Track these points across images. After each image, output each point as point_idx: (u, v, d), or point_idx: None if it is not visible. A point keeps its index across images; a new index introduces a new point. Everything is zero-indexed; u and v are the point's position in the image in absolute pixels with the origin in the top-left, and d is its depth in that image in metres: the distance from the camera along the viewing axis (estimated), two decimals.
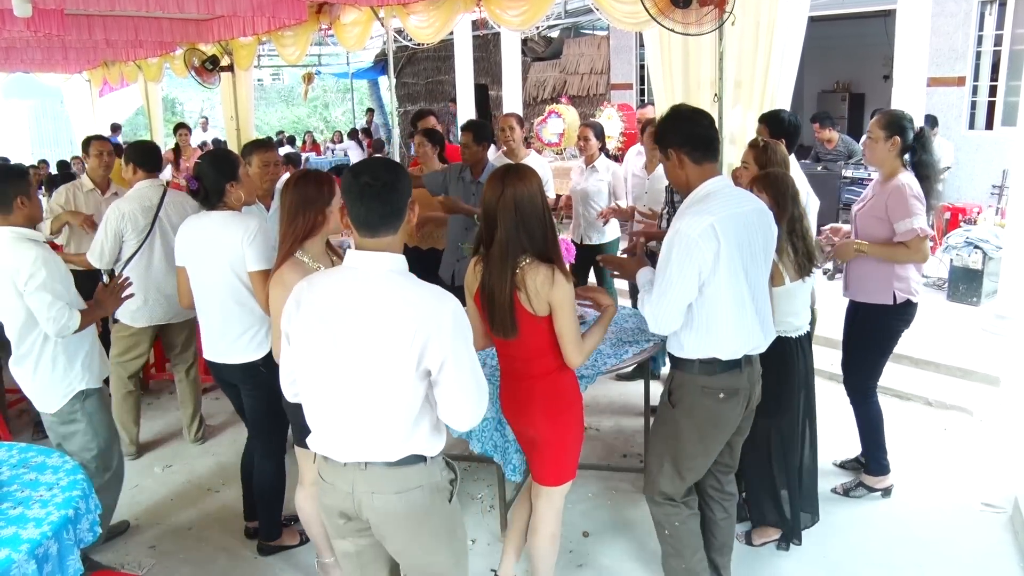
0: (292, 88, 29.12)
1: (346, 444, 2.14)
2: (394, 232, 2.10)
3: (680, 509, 2.93)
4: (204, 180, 3.29)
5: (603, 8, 5.27)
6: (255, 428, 3.53)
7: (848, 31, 11.76)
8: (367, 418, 2.10)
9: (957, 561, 3.39)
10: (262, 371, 3.34)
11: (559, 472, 2.80)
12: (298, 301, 2.14)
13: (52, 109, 18.84)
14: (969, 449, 4.39)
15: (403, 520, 2.18)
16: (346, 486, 2.16)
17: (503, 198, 2.54)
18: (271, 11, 6.93)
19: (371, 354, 2.03)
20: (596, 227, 5.42)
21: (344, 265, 2.13)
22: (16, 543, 2.21)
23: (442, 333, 2.02)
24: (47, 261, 3.07)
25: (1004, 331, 5.58)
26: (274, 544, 3.61)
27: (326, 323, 2.07)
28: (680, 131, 2.69)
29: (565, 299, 2.55)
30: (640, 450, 4.25)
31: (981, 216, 7.56)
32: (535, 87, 15.56)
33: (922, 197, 3.52)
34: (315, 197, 2.80)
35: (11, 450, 2.82)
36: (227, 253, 3.21)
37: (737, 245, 2.61)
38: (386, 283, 2.06)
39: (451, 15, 6.65)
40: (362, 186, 2.04)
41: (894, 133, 3.55)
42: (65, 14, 6.83)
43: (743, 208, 2.68)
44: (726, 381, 2.74)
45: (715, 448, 2.87)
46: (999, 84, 9.26)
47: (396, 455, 2.12)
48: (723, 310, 2.65)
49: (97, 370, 3.35)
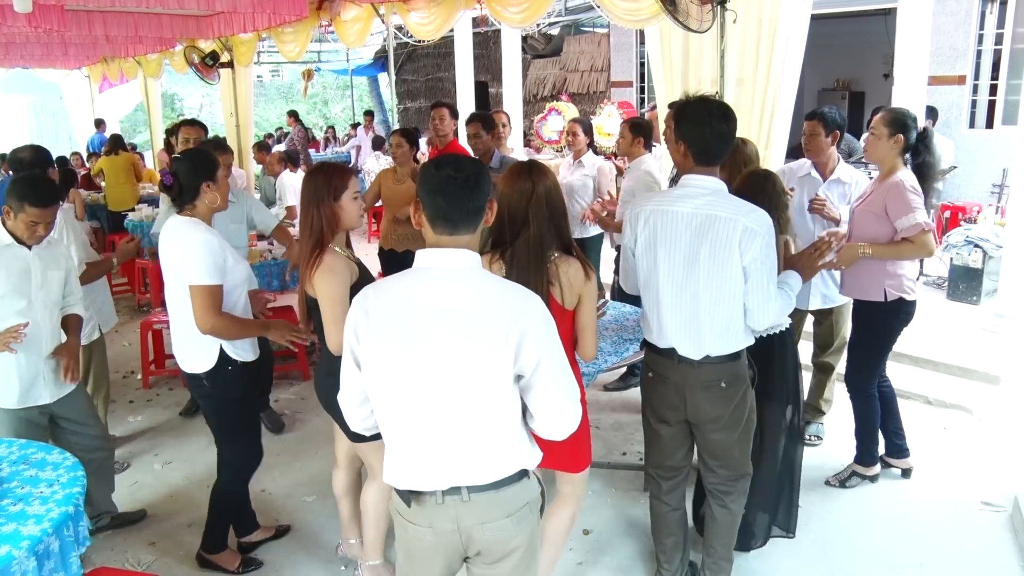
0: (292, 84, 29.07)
1: (442, 470, 1.93)
2: (473, 231, 1.96)
3: (652, 488, 3.13)
4: (179, 177, 3.12)
5: (604, 5, 5.26)
6: (214, 435, 3.40)
7: (848, 29, 11.74)
8: (467, 433, 1.91)
9: (957, 559, 3.39)
10: (205, 384, 3.22)
11: (584, 459, 2.86)
12: (365, 309, 1.92)
13: (51, 105, 18.79)
14: (969, 448, 4.39)
15: (516, 542, 2.01)
16: (448, 524, 1.96)
17: (535, 195, 2.55)
18: (271, 7, 6.92)
19: (466, 358, 1.86)
20: (579, 222, 5.46)
21: (416, 266, 1.95)
22: (17, 540, 2.20)
23: (536, 330, 1.88)
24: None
25: (1004, 330, 5.58)
26: (211, 558, 3.45)
27: (408, 331, 1.88)
28: (692, 130, 2.71)
29: (593, 291, 2.62)
30: (640, 448, 4.25)
31: (981, 215, 7.56)
32: (535, 84, 15.54)
33: (919, 191, 3.52)
34: (322, 193, 2.78)
35: (11, 447, 2.81)
36: (177, 261, 3.10)
37: (664, 242, 2.71)
38: (470, 281, 1.91)
39: (452, 12, 6.65)
40: (444, 179, 1.90)
41: (898, 131, 3.55)
42: (65, 10, 6.83)
43: (688, 209, 2.66)
44: (654, 362, 2.89)
45: (654, 424, 2.97)
46: (1000, 83, 9.25)
47: (501, 472, 1.96)
48: (652, 300, 2.80)
49: None
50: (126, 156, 9.73)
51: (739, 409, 2.83)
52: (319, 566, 3.47)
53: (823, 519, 3.68)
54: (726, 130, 2.69)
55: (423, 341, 1.86)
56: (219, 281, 3.06)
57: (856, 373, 3.86)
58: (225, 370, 3.18)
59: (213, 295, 3.04)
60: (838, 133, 4.01)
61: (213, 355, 3.16)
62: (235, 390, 3.24)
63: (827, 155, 4.05)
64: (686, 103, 2.82)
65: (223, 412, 3.30)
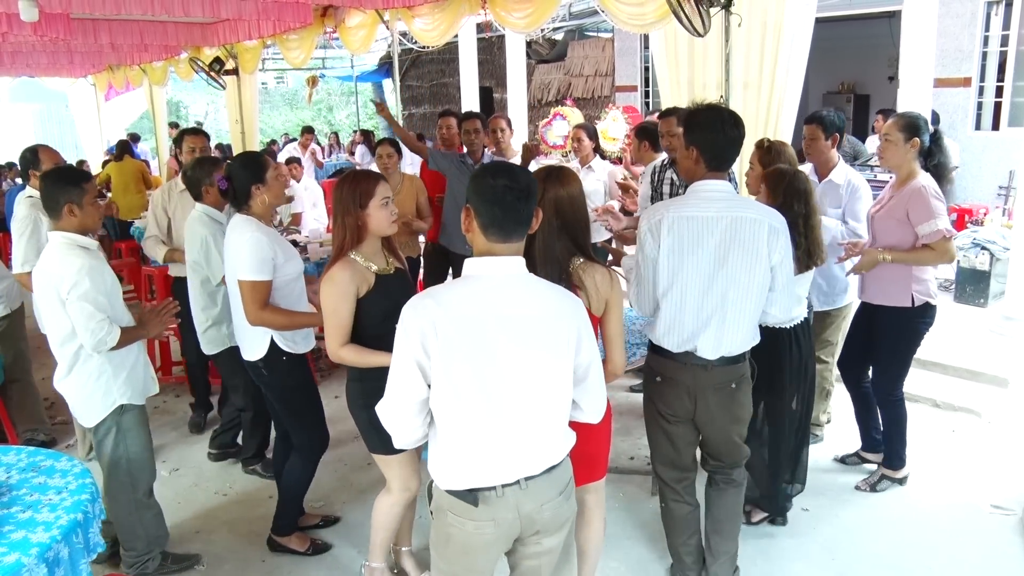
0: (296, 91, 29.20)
1: (506, 465, 2.03)
2: (522, 238, 2.05)
3: (664, 492, 3.12)
4: (233, 181, 3.34)
5: (608, 10, 5.27)
6: (281, 422, 3.63)
7: (853, 32, 11.73)
8: (531, 429, 2.02)
9: (966, 563, 3.37)
10: (263, 372, 3.41)
11: (603, 466, 2.87)
12: (433, 323, 1.92)
13: (57, 113, 18.89)
14: (978, 451, 4.37)
15: (568, 513, 2.19)
16: (509, 513, 2.05)
17: (543, 201, 2.53)
18: (276, 14, 6.96)
19: (538, 360, 1.98)
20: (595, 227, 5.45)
21: (470, 275, 2.01)
22: (26, 547, 2.21)
23: (589, 327, 2.06)
24: (92, 271, 3.00)
25: (1012, 332, 5.56)
26: (280, 541, 3.59)
27: (481, 340, 1.93)
28: (706, 137, 2.76)
29: (620, 298, 2.62)
30: (647, 452, 4.23)
31: (988, 217, 7.54)
32: (540, 89, 15.56)
33: (942, 197, 3.57)
34: (348, 202, 2.81)
35: (20, 454, 2.82)
36: (228, 256, 3.34)
37: (690, 246, 2.72)
38: (527, 286, 2.02)
39: (456, 18, 6.65)
40: (502, 189, 1.97)
41: (913, 135, 3.57)
42: (71, 18, 6.86)
43: (711, 213, 2.72)
44: (664, 367, 2.90)
45: (663, 427, 2.98)
46: (1005, 85, 9.24)
47: (555, 459, 2.10)
48: (671, 305, 2.80)
49: (140, 386, 3.27)
50: (134, 163, 9.68)
51: (744, 408, 2.96)
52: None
53: (832, 522, 3.67)
54: (737, 136, 2.79)
55: (496, 348, 1.94)
56: (266, 277, 3.23)
57: (884, 379, 3.87)
58: (279, 360, 3.36)
59: (259, 290, 3.21)
60: (838, 136, 4.02)
61: (264, 345, 3.35)
62: (292, 378, 3.42)
63: (827, 157, 4.06)
64: (697, 110, 2.87)
65: (284, 399, 3.47)
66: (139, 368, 3.28)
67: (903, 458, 3.94)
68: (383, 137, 6.01)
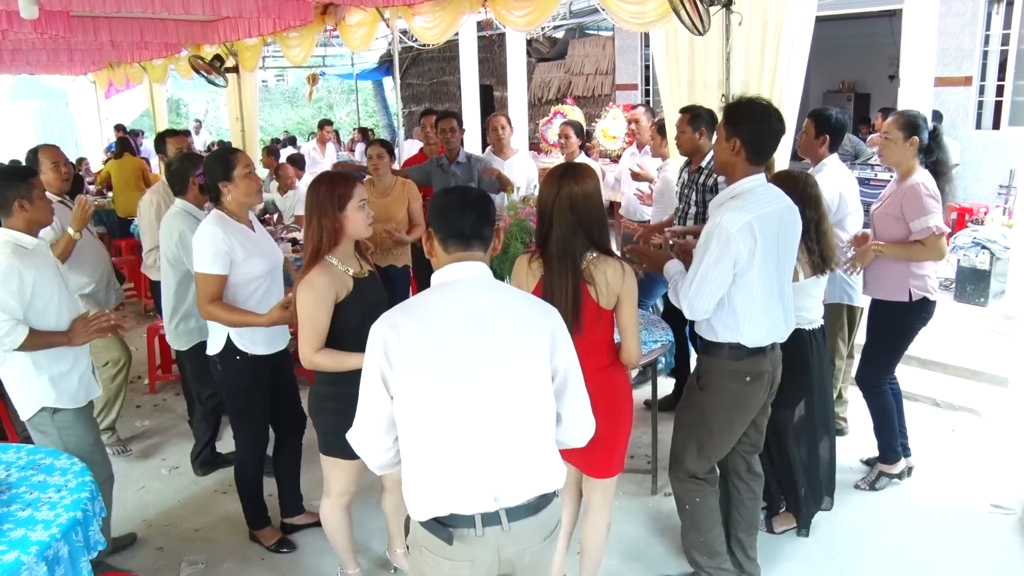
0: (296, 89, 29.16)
1: (483, 489, 1.88)
2: (484, 250, 2.02)
3: (702, 486, 3.05)
4: (206, 176, 3.39)
5: (609, 8, 5.26)
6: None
7: (854, 31, 11.73)
8: (509, 444, 1.89)
9: (966, 562, 3.37)
10: (218, 368, 3.44)
11: (617, 464, 2.84)
12: (396, 328, 1.87)
13: (58, 111, 18.85)
14: (977, 450, 4.37)
15: (548, 558, 2.06)
16: (488, 555, 1.91)
17: (559, 197, 2.57)
18: (276, 12, 6.93)
19: (508, 358, 1.88)
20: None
21: (437, 283, 1.99)
22: (25, 545, 2.21)
23: (563, 331, 1.99)
24: (7, 271, 2.91)
25: (1012, 332, 5.56)
26: (255, 534, 3.67)
27: (447, 343, 1.87)
28: (751, 129, 2.76)
29: (633, 291, 2.64)
30: (647, 451, 4.23)
31: (988, 216, 7.54)
32: (540, 88, 15.55)
33: (938, 195, 3.59)
34: (325, 204, 2.76)
35: (19, 452, 2.81)
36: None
37: (774, 241, 2.75)
38: (494, 288, 2.00)
39: (457, 16, 6.64)
40: (457, 199, 2.02)
41: (912, 133, 3.62)
42: (71, 16, 6.85)
43: (778, 205, 2.79)
44: (752, 365, 2.86)
45: (739, 428, 2.97)
46: (1006, 84, 9.23)
47: (539, 489, 1.95)
48: (754, 301, 2.78)
49: (73, 390, 3.12)
50: (133, 161, 9.64)
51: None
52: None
53: (831, 521, 3.67)
54: (781, 129, 2.81)
55: (467, 349, 1.87)
56: (218, 271, 3.22)
57: (867, 367, 3.91)
58: (233, 358, 3.35)
59: (209, 283, 3.22)
60: (827, 137, 3.94)
61: (220, 340, 3.36)
62: (243, 379, 3.41)
63: (815, 155, 4.02)
64: (740, 103, 2.87)
65: (230, 397, 3.51)
66: (73, 374, 3.13)
67: (897, 451, 3.95)
68: (376, 138, 5.95)
